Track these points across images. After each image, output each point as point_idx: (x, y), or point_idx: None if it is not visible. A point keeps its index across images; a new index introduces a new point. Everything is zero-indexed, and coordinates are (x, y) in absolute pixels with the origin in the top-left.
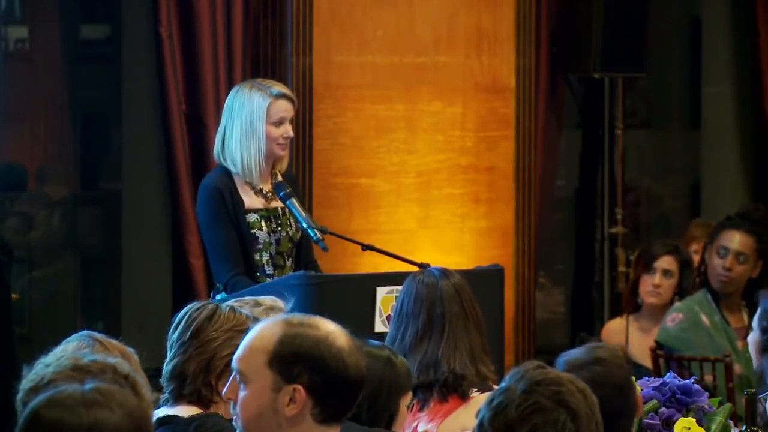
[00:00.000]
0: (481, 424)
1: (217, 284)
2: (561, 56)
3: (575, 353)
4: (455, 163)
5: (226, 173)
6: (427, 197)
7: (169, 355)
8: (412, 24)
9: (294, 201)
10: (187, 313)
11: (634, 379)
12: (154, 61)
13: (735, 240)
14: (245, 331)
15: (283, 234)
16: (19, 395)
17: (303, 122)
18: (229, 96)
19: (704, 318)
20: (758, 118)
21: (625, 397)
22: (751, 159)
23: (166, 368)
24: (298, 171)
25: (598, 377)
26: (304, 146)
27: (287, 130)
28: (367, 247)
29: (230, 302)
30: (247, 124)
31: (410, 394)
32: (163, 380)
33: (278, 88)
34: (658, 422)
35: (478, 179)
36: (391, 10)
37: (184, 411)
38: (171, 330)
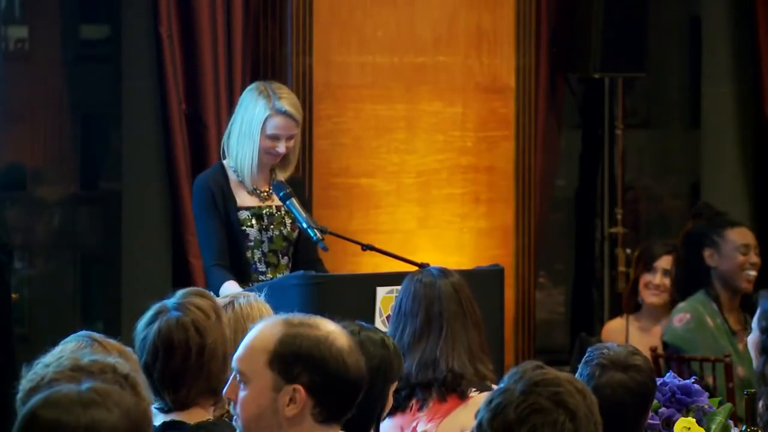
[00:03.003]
0: (480, 425)
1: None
2: (561, 56)
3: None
4: (455, 163)
5: (222, 171)
6: (427, 197)
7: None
8: (412, 24)
9: (294, 201)
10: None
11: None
12: (154, 61)
13: (749, 235)
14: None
15: (277, 233)
16: (19, 395)
17: (303, 122)
18: (244, 91)
19: (708, 319)
20: (758, 118)
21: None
22: (751, 159)
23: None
24: (298, 171)
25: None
26: (304, 146)
27: (277, 146)
28: (367, 247)
29: (224, 298)
30: (247, 126)
31: (396, 382)
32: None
33: (283, 103)
34: (658, 422)
35: (478, 179)
36: (391, 10)
37: (191, 417)
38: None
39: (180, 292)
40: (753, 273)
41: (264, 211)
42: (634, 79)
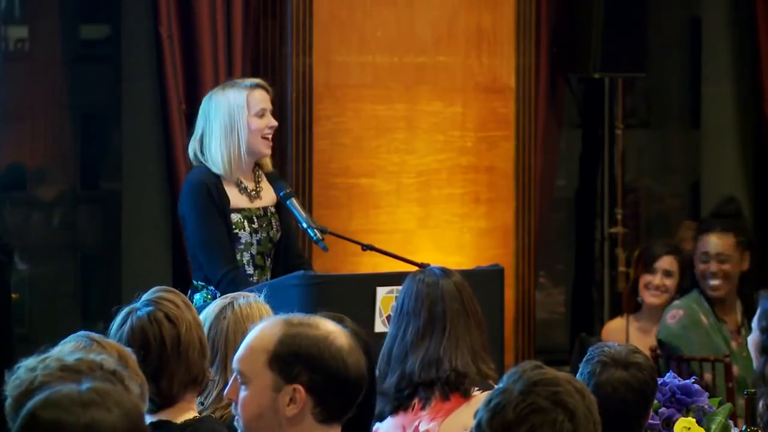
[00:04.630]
0: (479, 425)
1: (195, 281)
2: (561, 56)
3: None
4: (455, 163)
5: (212, 171)
6: (427, 197)
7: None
8: (412, 24)
9: (294, 201)
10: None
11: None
12: (154, 61)
13: (711, 243)
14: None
15: (264, 235)
16: (8, 401)
17: (303, 122)
18: (203, 102)
19: (702, 317)
20: (758, 118)
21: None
22: (751, 159)
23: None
24: (298, 171)
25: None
26: (304, 146)
27: (270, 120)
28: (367, 247)
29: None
30: (227, 121)
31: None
32: None
33: (251, 80)
34: (658, 422)
35: (478, 179)
36: (391, 10)
37: (177, 415)
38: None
39: (146, 293)
40: (713, 282)
41: (254, 213)
42: (634, 79)
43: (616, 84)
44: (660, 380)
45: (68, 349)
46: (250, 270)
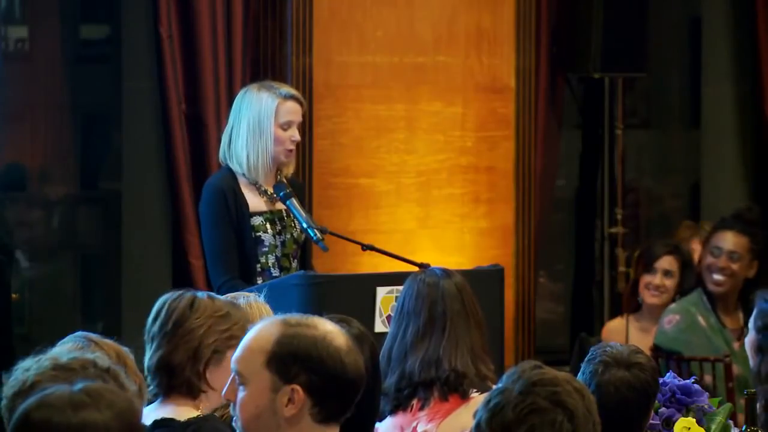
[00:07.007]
0: (478, 425)
1: None
2: (561, 56)
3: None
4: (455, 163)
5: (231, 174)
6: (427, 197)
7: (152, 347)
8: (412, 24)
9: (294, 201)
10: (165, 303)
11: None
12: (154, 61)
13: (728, 240)
14: (225, 316)
15: (288, 236)
16: (3, 402)
17: (303, 122)
18: (237, 97)
19: (701, 319)
20: (758, 118)
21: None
22: (751, 159)
23: (150, 361)
24: (298, 171)
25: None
26: (304, 146)
27: (294, 134)
28: (367, 247)
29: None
30: (255, 123)
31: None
32: (147, 374)
33: (287, 89)
34: (658, 422)
35: (478, 179)
36: (391, 10)
37: (179, 412)
38: (150, 322)
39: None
40: (718, 277)
41: (276, 216)
42: (634, 79)
43: (616, 84)
44: (660, 380)
45: (65, 349)
46: (276, 272)
